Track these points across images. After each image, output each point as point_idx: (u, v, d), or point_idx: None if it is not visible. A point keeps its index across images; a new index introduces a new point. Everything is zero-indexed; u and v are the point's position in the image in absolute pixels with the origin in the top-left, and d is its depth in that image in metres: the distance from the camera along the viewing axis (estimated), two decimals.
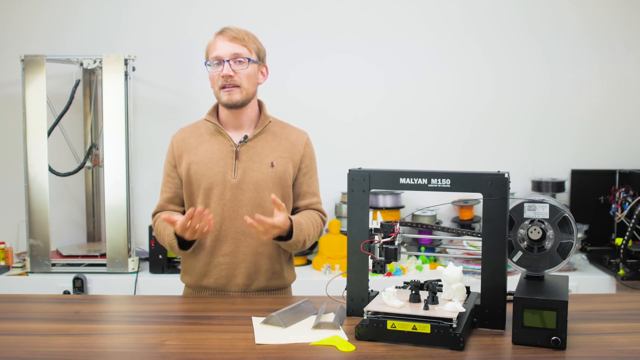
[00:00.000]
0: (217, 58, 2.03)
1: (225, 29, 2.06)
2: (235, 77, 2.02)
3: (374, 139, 3.69)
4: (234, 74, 2.02)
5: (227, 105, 2.05)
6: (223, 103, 2.06)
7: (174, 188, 2.14)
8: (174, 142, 2.15)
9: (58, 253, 3.35)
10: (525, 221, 1.68)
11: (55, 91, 3.39)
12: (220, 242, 2.07)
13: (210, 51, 2.06)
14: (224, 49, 2.02)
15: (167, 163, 2.16)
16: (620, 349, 1.50)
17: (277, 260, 2.12)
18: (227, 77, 2.01)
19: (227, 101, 2.04)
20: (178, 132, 2.18)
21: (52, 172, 3.25)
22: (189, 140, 2.12)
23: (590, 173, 3.64)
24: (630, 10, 3.69)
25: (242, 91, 2.04)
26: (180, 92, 3.65)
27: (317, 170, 2.20)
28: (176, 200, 2.14)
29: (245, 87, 2.04)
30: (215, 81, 2.05)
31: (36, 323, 1.75)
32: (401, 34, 3.67)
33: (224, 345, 1.53)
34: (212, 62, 2.04)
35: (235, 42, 2.03)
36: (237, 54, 2.02)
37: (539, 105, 3.72)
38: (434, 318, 1.52)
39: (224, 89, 2.03)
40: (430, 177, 1.66)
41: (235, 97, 2.03)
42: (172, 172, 2.14)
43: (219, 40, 2.04)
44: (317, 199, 2.18)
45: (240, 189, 2.04)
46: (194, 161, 2.07)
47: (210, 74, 2.06)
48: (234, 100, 2.04)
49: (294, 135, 2.15)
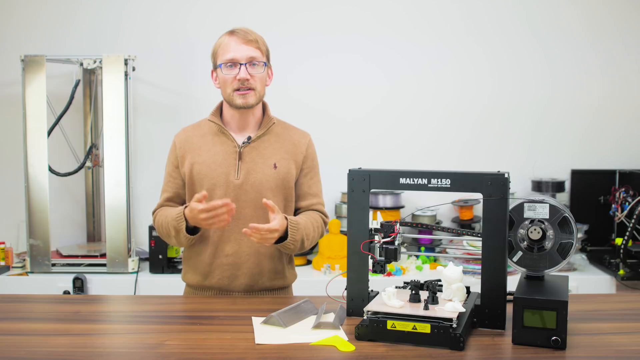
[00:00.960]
0: (232, 60, 2.00)
1: (238, 30, 2.04)
2: (251, 80, 2.01)
3: (374, 138, 3.69)
4: (251, 77, 2.01)
5: (242, 107, 2.04)
6: (237, 105, 2.04)
7: (175, 188, 2.13)
8: (177, 142, 2.14)
9: (58, 253, 3.35)
10: (525, 221, 1.68)
11: (55, 91, 3.39)
12: (223, 242, 2.06)
13: (223, 52, 2.02)
14: (240, 52, 2.00)
15: (169, 163, 2.16)
16: (620, 349, 1.50)
17: (279, 261, 2.12)
18: (244, 80, 2.00)
19: (242, 104, 2.03)
20: (180, 132, 2.17)
21: (52, 172, 3.25)
22: (191, 140, 2.11)
23: (590, 173, 3.64)
24: (631, 10, 3.69)
25: (256, 94, 2.04)
26: (180, 92, 3.65)
27: (319, 172, 2.20)
28: (177, 200, 2.14)
29: (259, 90, 2.05)
30: (229, 83, 2.02)
31: (36, 323, 1.75)
32: (402, 34, 3.67)
33: (224, 345, 1.54)
34: (226, 65, 2.02)
35: (251, 44, 2.02)
36: (253, 57, 2.01)
37: (539, 105, 3.72)
38: (434, 318, 1.52)
39: (239, 92, 2.02)
40: (430, 177, 1.66)
41: (250, 100, 2.03)
42: (174, 172, 2.13)
43: (234, 42, 2.01)
44: (319, 199, 2.17)
45: (243, 190, 2.04)
46: (197, 161, 2.07)
47: (223, 76, 2.03)
48: (250, 103, 2.03)
49: (297, 136, 2.15)
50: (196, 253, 2.11)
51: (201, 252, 2.09)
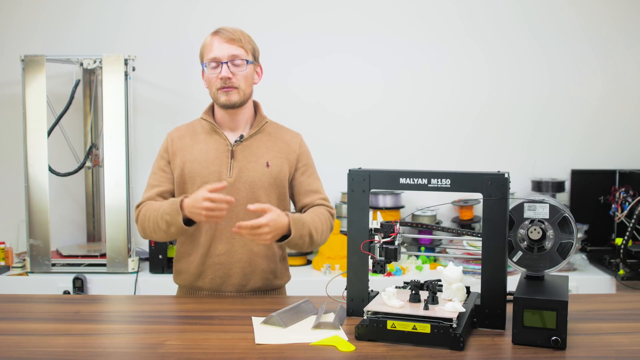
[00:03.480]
0: (214, 60, 2.02)
1: (221, 29, 2.05)
2: (234, 78, 2.02)
3: (374, 138, 3.69)
4: (232, 75, 2.01)
5: (225, 106, 2.05)
6: (221, 104, 2.05)
7: (166, 182, 2.09)
8: (169, 139, 2.14)
9: (58, 253, 3.35)
10: (525, 221, 1.68)
11: (55, 91, 3.39)
12: (216, 241, 2.05)
13: (207, 52, 2.04)
14: (221, 51, 2.01)
15: (159, 158, 2.13)
16: (620, 349, 1.50)
17: (272, 260, 2.11)
18: (226, 79, 2.01)
19: (225, 102, 2.04)
20: (174, 130, 2.17)
21: (52, 172, 3.25)
22: (184, 139, 2.11)
23: (590, 173, 3.64)
24: (630, 10, 3.69)
25: (239, 92, 2.04)
26: (180, 92, 3.65)
27: (316, 169, 2.19)
28: (167, 196, 2.09)
29: (243, 88, 2.04)
30: (213, 82, 2.04)
31: (36, 323, 1.75)
32: (400, 33, 3.67)
33: (224, 345, 1.54)
34: (209, 64, 2.03)
35: (233, 43, 2.02)
36: (234, 55, 2.02)
37: (538, 105, 3.71)
38: (434, 318, 1.52)
39: (222, 90, 2.03)
40: (430, 177, 1.66)
41: (233, 98, 2.03)
42: (165, 167, 2.11)
43: (216, 42, 2.03)
44: (322, 195, 2.16)
45: (236, 188, 2.03)
46: (188, 159, 2.06)
47: (207, 76, 2.05)
48: (232, 101, 2.04)
49: (289, 136, 2.15)
50: (187, 253, 2.10)
51: (192, 252, 2.08)
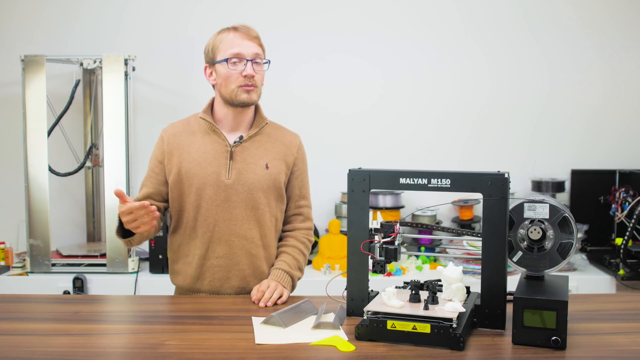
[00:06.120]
0: (238, 55, 1.97)
1: (242, 26, 2.02)
2: (256, 77, 2.00)
3: (374, 138, 3.69)
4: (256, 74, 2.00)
5: (244, 104, 2.01)
6: (239, 102, 2.00)
7: (155, 184, 2.08)
8: (165, 136, 2.10)
9: (58, 253, 3.35)
10: (525, 221, 1.68)
11: (55, 91, 3.39)
12: (214, 244, 2.03)
13: (226, 47, 1.98)
14: (246, 48, 1.98)
15: (153, 157, 2.11)
16: (620, 349, 1.50)
17: (271, 263, 2.11)
18: (251, 77, 1.98)
19: (246, 100, 2.00)
20: (168, 127, 2.13)
21: (52, 172, 3.25)
22: (180, 137, 2.08)
23: (590, 173, 3.64)
24: (630, 10, 3.69)
25: (257, 92, 2.02)
26: (180, 92, 3.65)
27: (307, 173, 2.19)
28: (157, 197, 2.08)
29: (260, 87, 2.04)
30: (234, 79, 1.98)
31: (36, 323, 1.75)
32: (400, 34, 3.67)
33: (224, 345, 1.53)
34: (231, 60, 1.98)
35: (255, 41, 2.01)
36: (258, 54, 2.00)
37: (538, 105, 3.72)
38: (434, 318, 1.52)
39: (243, 88, 1.98)
40: (430, 177, 1.66)
41: (253, 97, 2.01)
42: (156, 168, 2.09)
43: (239, 38, 1.99)
44: (307, 202, 2.17)
45: (235, 190, 2.01)
46: (186, 159, 2.03)
47: (228, 72, 1.98)
48: (253, 100, 2.01)
49: (288, 137, 2.14)
50: (185, 254, 2.08)
51: (190, 254, 2.06)
